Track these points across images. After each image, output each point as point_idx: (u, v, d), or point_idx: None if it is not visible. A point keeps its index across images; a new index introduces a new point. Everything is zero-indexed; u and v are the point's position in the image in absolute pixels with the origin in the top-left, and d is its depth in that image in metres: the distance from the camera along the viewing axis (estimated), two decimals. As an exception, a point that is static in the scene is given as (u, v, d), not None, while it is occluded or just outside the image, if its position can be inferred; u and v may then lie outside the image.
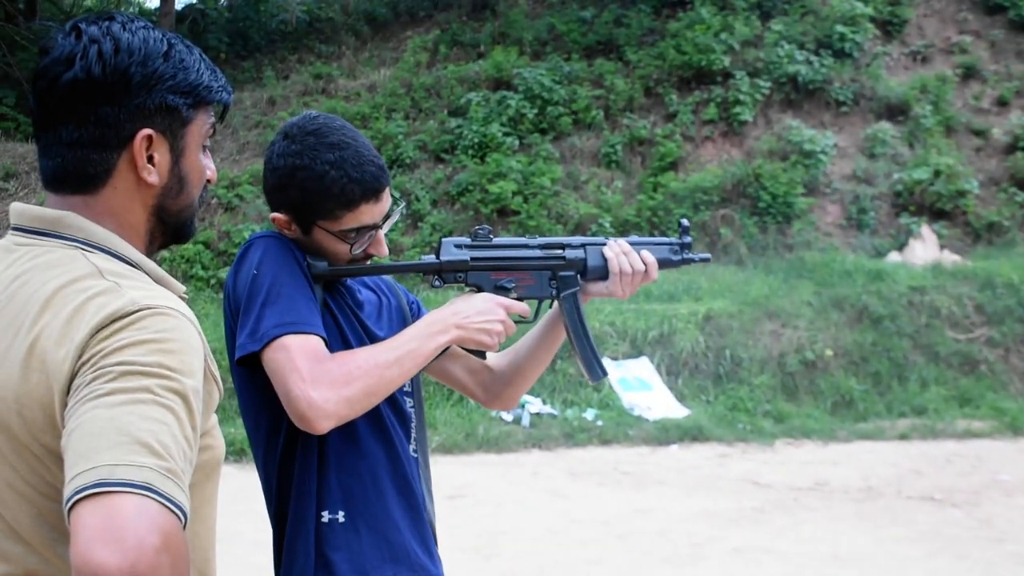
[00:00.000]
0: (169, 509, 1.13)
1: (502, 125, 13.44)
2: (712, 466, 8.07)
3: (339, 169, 1.90)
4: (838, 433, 9.05)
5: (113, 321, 1.24)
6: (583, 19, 16.00)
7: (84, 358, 1.22)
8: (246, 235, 11.44)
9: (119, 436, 1.14)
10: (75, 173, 1.38)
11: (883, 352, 10.32)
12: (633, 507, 6.86)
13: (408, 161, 13.21)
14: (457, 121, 13.67)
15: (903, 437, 8.98)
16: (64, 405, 1.22)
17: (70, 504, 1.11)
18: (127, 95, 1.36)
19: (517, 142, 13.41)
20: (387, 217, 2.02)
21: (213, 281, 11.26)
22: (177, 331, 1.28)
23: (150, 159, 1.40)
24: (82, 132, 1.36)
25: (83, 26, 1.37)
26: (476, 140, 13.21)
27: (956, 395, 9.95)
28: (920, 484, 7.50)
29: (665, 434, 8.75)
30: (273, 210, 1.99)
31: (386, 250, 2.06)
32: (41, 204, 1.45)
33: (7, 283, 1.34)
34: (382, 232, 2.02)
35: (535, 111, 13.73)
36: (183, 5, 18.17)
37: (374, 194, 1.95)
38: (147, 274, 1.40)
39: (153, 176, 1.40)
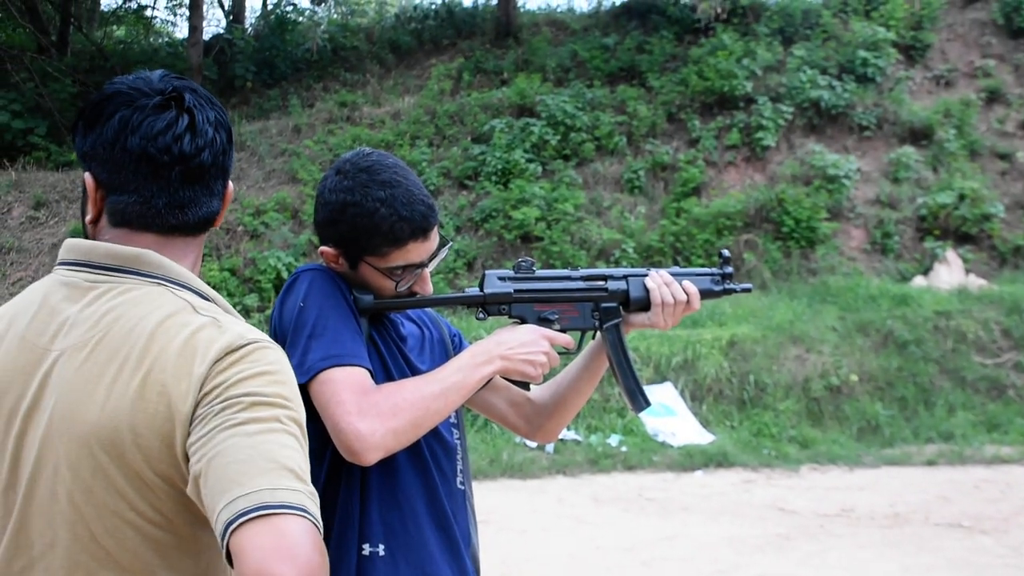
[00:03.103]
0: (320, 529, 1.25)
1: (525, 151, 13.51)
2: (737, 492, 8.04)
3: (389, 207, 1.92)
4: (864, 459, 9.00)
5: (228, 354, 1.35)
6: (605, 46, 16.10)
7: (206, 389, 1.32)
8: (271, 262, 11.54)
9: (267, 463, 1.25)
10: (178, 224, 1.51)
11: (909, 377, 10.26)
12: (658, 533, 6.84)
13: (432, 188, 13.28)
14: (480, 148, 13.75)
15: (930, 463, 8.91)
16: (186, 435, 1.31)
17: (235, 526, 1.21)
18: (229, 159, 1.56)
19: (540, 168, 13.47)
20: (434, 256, 2.04)
21: (239, 308, 11.35)
22: (282, 363, 1.40)
23: None
24: (207, 203, 1.53)
25: (190, 99, 1.50)
26: (499, 167, 13.28)
27: (984, 420, 9.87)
28: (948, 510, 7.44)
29: (690, 460, 8.73)
30: (322, 243, 2.02)
31: (431, 288, 2.07)
32: (74, 233, 1.52)
33: (97, 319, 1.40)
34: (428, 270, 2.04)
35: (558, 137, 13.80)
36: (210, 35, 18.41)
37: (422, 233, 1.97)
38: (220, 307, 1.48)
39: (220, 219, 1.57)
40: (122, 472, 1.33)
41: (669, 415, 9.46)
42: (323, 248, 2.01)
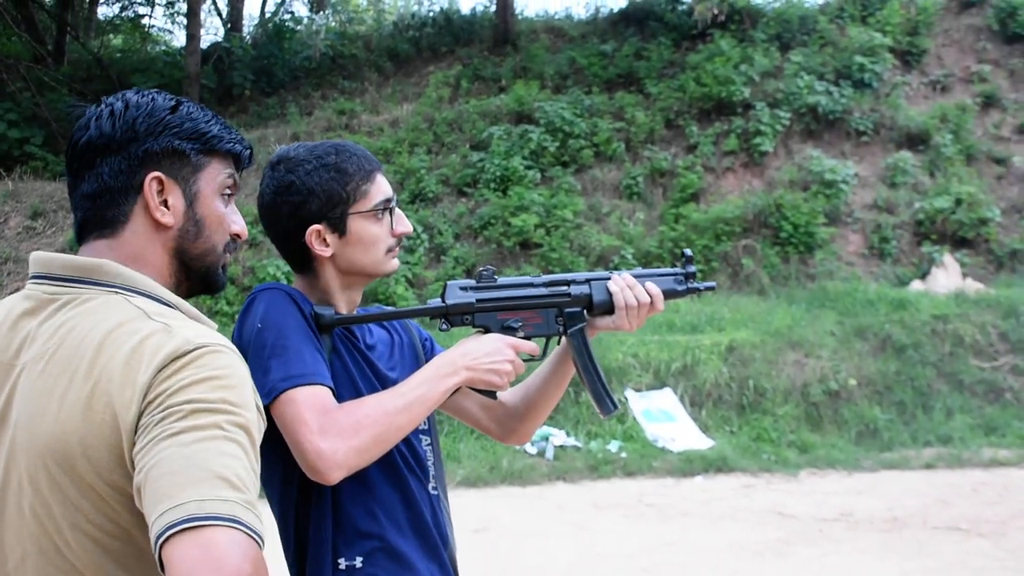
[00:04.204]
0: (253, 539, 1.22)
1: (524, 158, 13.54)
2: (737, 497, 8.05)
3: (341, 153, 2.00)
4: (863, 463, 9.01)
5: (172, 361, 1.32)
6: (603, 53, 16.14)
7: (149, 398, 1.30)
8: (270, 271, 11.55)
9: (200, 472, 1.23)
10: (96, 220, 1.49)
11: (907, 381, 10.28)
12: (658, 539, 6.85)
13: (431, 195, 13.32)
14: (479, 155, 13.78)
15: (928, 466, 8.92)
16: (132, 444, 1.29)
17: (164, 539, 1.19)
18: (135, 143, 1.48)
19: (539, 175, 13.51)
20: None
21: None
22: (232, 367, 1.36)
23: (164, 203, 1.50)
24: (99, 183, 1.48)
25: (104, 98, 1.52)
26: (498, 173, 13.31)
27: (982, 424, 9.89)
28: (946, 514, 7.45)
29: (689, 465, 8.74)
30: (299, 236, 2.00)
31: (410, 225, 2.09)
32: (71, 243, 1.54)
33: (52, 331, 1.40)
34: (397, 209, 2.07)
35: (557, 144, 13.83)
36: (208, 44, 18.44)
37: (378, 165, 2.06)
38: (183, 313, 1.47)
39: (167, 217, 1.50)
40: (75, 485, 1.32)
41: (669, 421, 9.47)
42: (310, 228, 1.98)
